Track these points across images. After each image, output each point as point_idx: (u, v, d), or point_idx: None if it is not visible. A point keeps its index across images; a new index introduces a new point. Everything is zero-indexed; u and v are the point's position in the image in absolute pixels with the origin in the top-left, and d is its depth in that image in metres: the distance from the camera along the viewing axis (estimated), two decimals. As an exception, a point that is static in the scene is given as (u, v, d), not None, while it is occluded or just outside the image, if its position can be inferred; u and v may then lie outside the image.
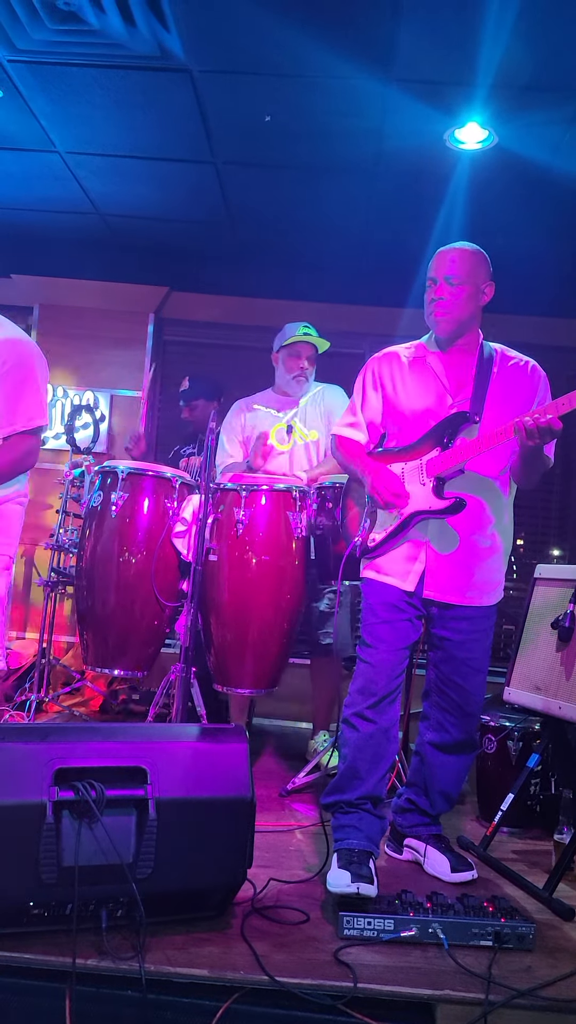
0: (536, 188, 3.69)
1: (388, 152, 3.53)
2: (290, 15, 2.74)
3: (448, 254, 2.36)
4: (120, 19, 2.81)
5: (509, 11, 2.62)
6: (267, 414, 3.71)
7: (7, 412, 2.63)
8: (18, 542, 2.81)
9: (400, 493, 2.32)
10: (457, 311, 2.34)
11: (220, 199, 4.14)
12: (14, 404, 2.64)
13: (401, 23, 2.73)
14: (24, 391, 2.65)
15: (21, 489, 2.78)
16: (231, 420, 3.77)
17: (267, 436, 3.57)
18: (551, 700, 2.54)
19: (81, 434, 4.39)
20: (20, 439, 2.66)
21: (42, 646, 3.87)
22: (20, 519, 2.81)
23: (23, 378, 2.65)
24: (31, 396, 2.67)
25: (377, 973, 1.76)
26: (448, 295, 2.33)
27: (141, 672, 3.34)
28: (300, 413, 3.66)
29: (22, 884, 1.72)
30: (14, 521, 2.75)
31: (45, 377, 2.76)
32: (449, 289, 2.33)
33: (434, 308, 2.35)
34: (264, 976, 1.71)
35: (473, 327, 2.41)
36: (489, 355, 2.41)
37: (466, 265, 2.34)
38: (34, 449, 2.73)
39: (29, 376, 2.67)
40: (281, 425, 3.64)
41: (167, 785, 1.83)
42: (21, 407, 2.65)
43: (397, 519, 2.36)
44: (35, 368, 2.70)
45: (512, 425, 2.16)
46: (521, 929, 1.92)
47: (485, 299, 2.38)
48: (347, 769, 2.31)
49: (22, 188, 4.21)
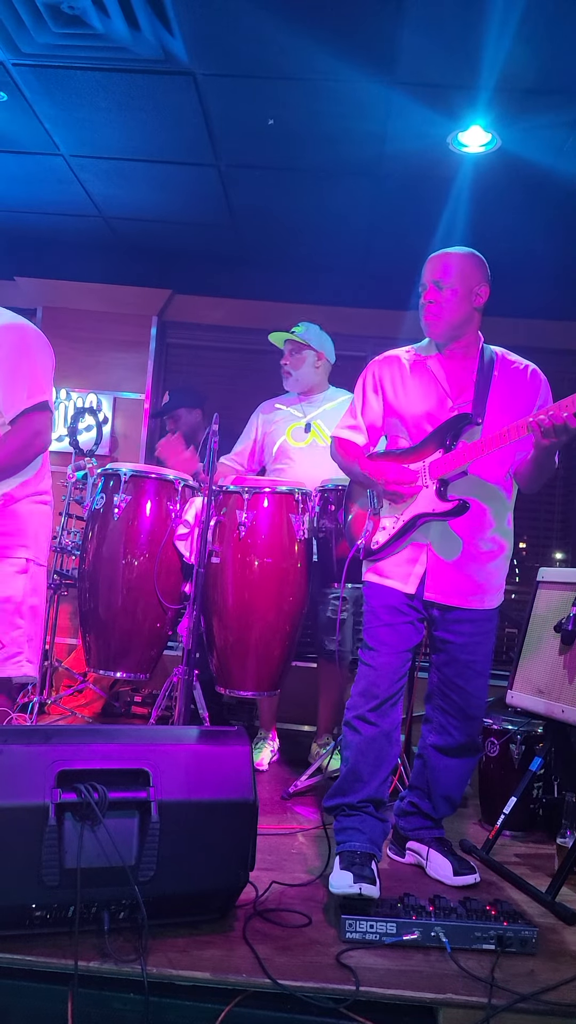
0: (539, 191, 3.69)
1: (391, 155, 3.53)
2: (293, 19, 2.74)
3: (438, 259, 2.37)
4: (124, 23, 2.82)
5: (513, 14, 2.62)
6: (287, 414, 3.74)
7: (8, 394, 2.51)
8: (46, 546, 2.67)
9: (410, 480, 2.32)
10: (447, 314, 2.35)
11: (223, 202, 4.15)
12: (13, 383, 2.51)
13: (404, 26, 2.74)
14: (20, 368, 2.52)
15: (39, 488, 2.64)
16: (250, 419, 3.84)
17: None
18: (554, 703, 2.53)
19: (84, 436, 4.40)
20: (26, 420, 2.52)
21: (44, 648, 3.87)
22: (41, 520, 2.65)
23: (19, 356, 2.53)
24: (28, 372, 2.54)
25: (379, 977, 1.76)
26: (437, 299, 2.34)
27: (143, 674, 3.35)
28: (323, 416, 3.68)
29: (24, 886, 1.72)
30: (32, 521, 2.60)
31: (44, 355, 2.62)
32: (438, 293, 2.34)
33: (424, 312, 2.37)
34: (266, 979, 1.71)
35: (470, 330, 2.40)
36: (490, 359, 2.41)
37: (455, 269, 2.34)
38: (42, 428, 2.56)
39: (25, 354, 2.55)
40: (299, 424, 3.66)
41: (169, 787, 1.83)
42: (19, 385, 2.52)
43: (401, 521, 2.36)
44: (31, 346, 2.58)
45: (525, 424, 2.14)
46: (524, 933, 1.91)
47: (479, 301, 2.37)
48: (349, 772, 2.31)
49: (26, 191, 4.22)
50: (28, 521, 2.59)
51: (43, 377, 2.60)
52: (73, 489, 4.08)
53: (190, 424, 4.22)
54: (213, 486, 3.06)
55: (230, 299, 4.89)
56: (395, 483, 2.32)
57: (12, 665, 2.51)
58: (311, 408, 3.70)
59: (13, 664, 2.52)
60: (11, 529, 2.56)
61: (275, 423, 3.73)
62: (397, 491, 2.33)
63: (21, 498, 2.58)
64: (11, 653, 2.51)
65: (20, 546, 2.57)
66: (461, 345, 2.41)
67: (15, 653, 2.52)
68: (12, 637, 2.52)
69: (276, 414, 3.76)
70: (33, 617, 2.59)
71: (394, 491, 2.33)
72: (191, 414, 4.22)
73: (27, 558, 2.58)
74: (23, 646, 2.55)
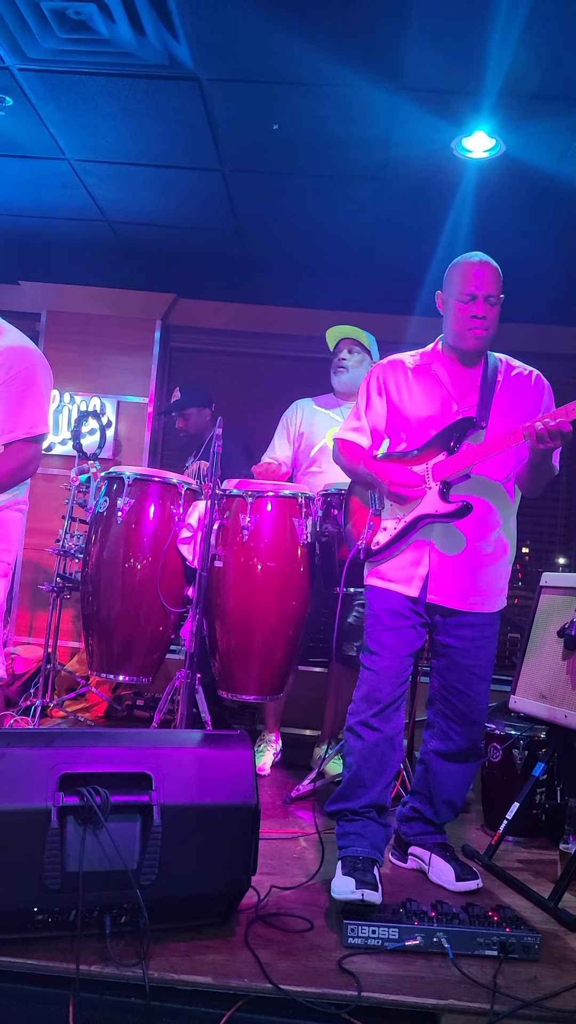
0: (543, 196, 3.70)
1: (395, 160, 3.54)
2: (298, 24, 2.75)
3: (485, 271, 2.34)
4: (130, 28, 2.83)
5: (517, 20, 2.63)
6: (327, 416, 3.71)
7: (9, 419, 2.62)
8: (18, 548, 2.80)
9: (415, 483, 2.32)
10: (493, 330, 2.36)
11: (227, 207, 4.16)
12: (16, 412, 2.63)
13: (408, 32, 2.74)
14: (26, 399, 2.64)
15: (21, 496, 2.76)
16: (287, 416, 3.79)
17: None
18: (557, 708, 2.53)
19: (87, 440, 4.40)
20: (21, 447, 2.65)
21: (47, 651, 3.87)
22: (20, 526, 2.79)
23: (27, 386, 2.64)
24: (33, 404, 2.66)
25: (381, 982, 1.76)
26: (489, 315, 2.33)
27: (146, 678, 3.34)
28: None
29: (26, 889, 1.72)
30: (12, 528, 2.74)
31: (49, 385, 2.76)
32: (490, 309, 2.33)
33: (474, 325, 2.33)
34: (268, 984, 1.70)
35: None
36: (494, 365, 2.42)
37: (499, 284, 2.35)
38: (35, 457, 2.71)
39: (32, 384, 2.66)
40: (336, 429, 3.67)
41: (172, 791, 1.83)
42: (23, 415, 2.64)
43: (402, 523, 2.36)
44: (38, 376, 2.69)
45: (521, 429, 2.16)
46: (526, 939, 1.91)
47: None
48: (352, 777, 2.30)
49: (31, 195, 4.23)
50: (8, 527, 2.72)
51: (46, 409, 2.74)
52: (76, 492, 4.09)
53: (199, 424, 4.21)
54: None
55: (234, 303, 4.90)
56: (400, 484, 2.32)
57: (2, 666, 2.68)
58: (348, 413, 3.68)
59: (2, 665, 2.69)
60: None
61: (315, 424, 3.69)
62: (401, 492, 2.33)
63: (4, 508, 2.70)
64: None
65: (2, 550, 2.70)
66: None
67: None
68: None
69: (316, 415, 3.72)
70: (4, 617, 2.75)
71: (398, 492, 2.33)
72: (201, 414, 4.21)
73: (8, 563, 2.71)
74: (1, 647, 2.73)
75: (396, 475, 2.34)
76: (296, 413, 3.77)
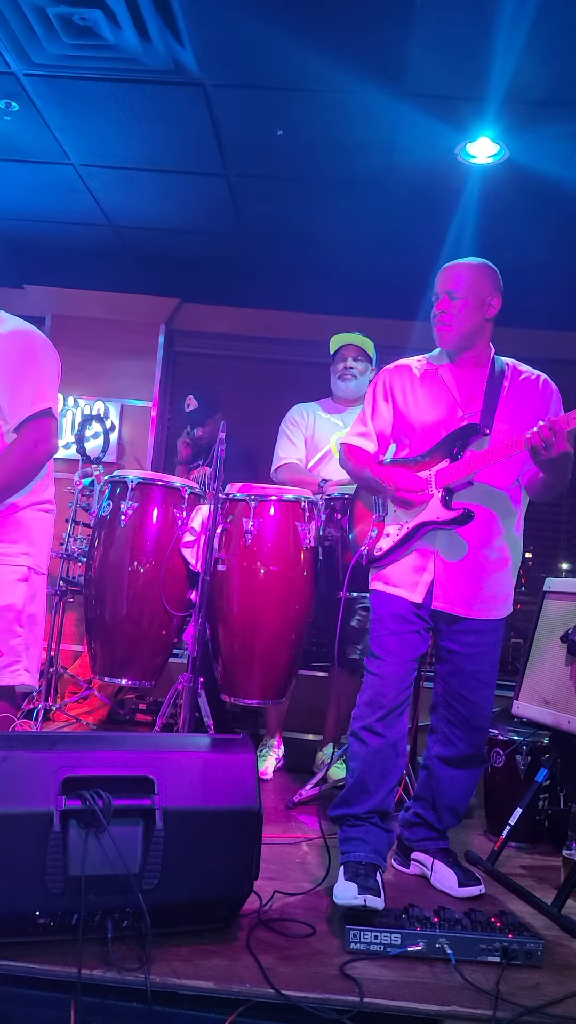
0: (547, 202, 3.70)
1: (399, 166, 3.54)
2: (303, 30, 2.76)
3: (451, 269, 2.40)
4: (135, 34, 2.84)
5: (521, 26, 2.64)
6: (329, 421, 3.73)
7: (12, 400, 2.50)
8: (47, 553, 2.65)
9: (420, 488, 2.32)
10: (458, 324, 2.36)
11: (232, 212, 4.17)
12: (18, 390, 2.50)
13: (413, 38, 2.75)
14: (25, 375, 2.51)
15: (43, 496, 2.63)
16: (295, 418, 3.78)
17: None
18: (560, 714, 2.52)
19: (91, 443, 4.41)
20: (29, 428, 2.50)
21: (50, 655, 3.87)
22: (44, 528, 2.64)
23: (24, 363, 2.52)
24: (33, 379, 2.52)
25: (383, 988, 1.75)
26: (449, 309, 2.36)
27: (149, 682, 3.34)
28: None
29: (28, 893, 1.71)
30: (35, 529, 2.59)
31: (51, 363, 2.61)
32: (450, 303, 2.36)
33: (436, 322, 2.39)
34: (270, 989, 1.70)
35: (481, 340, 2.41)
36: (500, 369, 2.42)
37: (467, 279, 2.36)
38: (44, 436, 2.52)
39: (31, 360, 2.53)
40: (341, 434, 3.67)
41: (174, 795, 1.83)
42: (24, 392, 2.50)
43: (405, 529, 2.36)
44: (37, 353, 2.56)
45: (523, 439, 2.15)
46: (529, 945, 1.90)
47: (491, 312, 2.39)
48: (355, 783, 2.30)
49: (36, 200, 4.25)
50: (31, 529, 2.58)
51: (48, 384, 2.58)
52: (80, 496, 4.09)
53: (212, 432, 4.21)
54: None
55: (238, 308, 4.91)
56: (405, 490, 2.33)
57: (9, 674, 2.49)
58: (351, 420, 3.68)
59: (11, 672, 2.49)
60: (14, 537, 2.55)
61: (321, 430, 3.71)
62: (407, 498, 2.33)
63: (25, 506, 2.57)
64: (9, 661, 2.49)
65: (23, 554, 2.56)
66: (472, 355, 2.41)
67: (13, 661, 2.50)
68: (11, 645, 2.50)
69: (321, 421, 3.74)
70: (32, 625, 2.57)
71: (404, 498, 2.33)
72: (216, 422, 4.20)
73: (28, 566, 2.56)
74: (21, 655, 2.52)
75: (401, 480, 2.34)
76: (305, 416, 3.77)
